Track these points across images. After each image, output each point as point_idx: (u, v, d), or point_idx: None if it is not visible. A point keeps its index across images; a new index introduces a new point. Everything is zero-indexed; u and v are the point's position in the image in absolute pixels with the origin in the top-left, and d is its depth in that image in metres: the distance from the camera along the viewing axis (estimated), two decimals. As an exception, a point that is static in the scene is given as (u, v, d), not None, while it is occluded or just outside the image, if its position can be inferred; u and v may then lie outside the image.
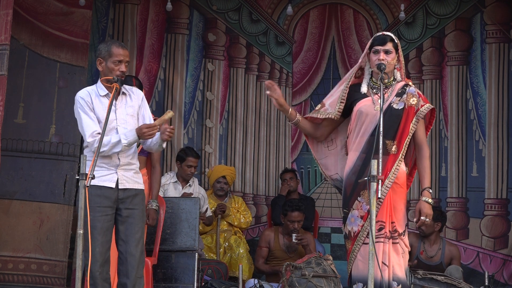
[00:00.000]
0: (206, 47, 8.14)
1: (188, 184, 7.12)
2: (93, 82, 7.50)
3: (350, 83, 4.79)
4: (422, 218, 4.62)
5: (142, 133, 4.63)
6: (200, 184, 7.49)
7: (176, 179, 7.10)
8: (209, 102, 8.09)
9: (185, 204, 6.07)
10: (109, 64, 4.72)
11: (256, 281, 6.43)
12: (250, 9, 8.19)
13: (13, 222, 6.90)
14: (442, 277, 5.97)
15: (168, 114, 4.64)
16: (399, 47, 4.80)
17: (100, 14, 7.73)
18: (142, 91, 5.28)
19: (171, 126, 4.69)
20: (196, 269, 5.93)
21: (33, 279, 6.91)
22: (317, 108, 4.89)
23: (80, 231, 4.55)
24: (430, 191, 4.66)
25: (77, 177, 4.67)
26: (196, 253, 5.96)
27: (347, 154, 4.81)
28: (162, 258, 5.89)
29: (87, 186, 4.54)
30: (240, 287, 6.18)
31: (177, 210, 6.04)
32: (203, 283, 6.34)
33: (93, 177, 4.58)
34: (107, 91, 4.78)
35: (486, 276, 6.49)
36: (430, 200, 4.64)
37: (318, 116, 4.83)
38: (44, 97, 7.13)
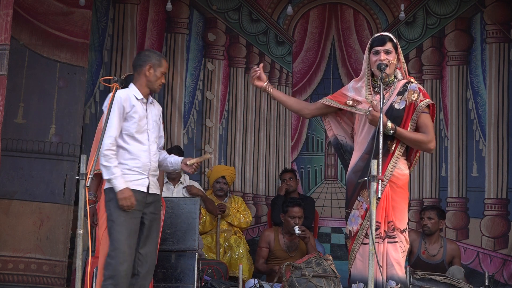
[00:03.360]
0: (206, 47, 8.14)
1: (179, 182, 7.13)
2: (93, 82, 7.54)
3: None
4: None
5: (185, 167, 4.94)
6: (200, 184, 7.49)
7: (167, 180, 7.10)
8: (209, 102, 8.09)
9: (185, 204, 6.07)
10: (157, 73, 4.92)
11: (256, 281, 6.42)
12: (250, 8, 8.19)
13: (13, 222, 6.90)
14: (441, 277, 5.97)
15: (207, 155, 5.17)
16: (398, 46, 4.80)
17: (100, 14, 7.73)
18: None
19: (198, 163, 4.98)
20: (196, 269, 5.92)
21: (33, 279, 6.91)
22: (348, 102, 4.79)
23: (80, 231, 4.55)
24: (392, 130, 4.58)
25: (77, 177, 4.70)
26: (196, 253, 5.96)
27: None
28: (162, 258, 5.88)
29: (87, 186, 4.56)
30: (240, 287, 6.18)
31: (177, 210, 6.03)
32: (203, 283, 6.33)
33: (93, 177, 4.59)
34: (142, 96, 4.91)
35: (486, 276, 6.49)
36: (389, 125, 4.56)
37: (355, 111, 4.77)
38: (44, 97, 7.13)
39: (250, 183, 8.10)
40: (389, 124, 4.56)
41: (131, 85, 4.95)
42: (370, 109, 4.57)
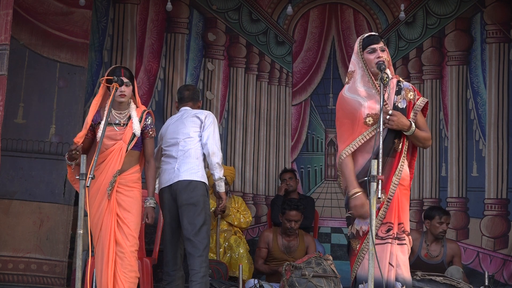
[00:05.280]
0: (206, 47, 8.14)
1: None
2: (93, 82, 7.53)
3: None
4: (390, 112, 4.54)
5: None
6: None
7: None
8: (209, 102, 8.09)
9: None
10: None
11: (256, 281, 6.42)
12: (250, 8, 8.19)
13: (13, 222, 6.90)
14: (441, 278, 5.97)
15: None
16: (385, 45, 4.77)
17: (100, 14, 7.73)
18: (134, 81, 5.30)
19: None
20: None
21: (33, 279, 6.91)
22: (368, 122, 4.57)
23: (80, 231, 4.56)
24: (413, 127, 4.56)
25: (77, 177, 4.69)
26: (196, 253, 5.95)
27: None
28: (162, 258, 5.88)
29: (87, 186, 4.56)
30: (240, 287, 6.18)
31: (177, 210, 6.02)
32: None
33: (93, 177, 4.60)
34: None
35: (486, 276, 6.49)
36: (413, 125, 4.56)
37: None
38: (44, 97, 7.13)
39: (250, 183, 8.10)
40: (413, 125, 4.58)
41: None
42: (390, 112, 4.54)
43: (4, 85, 5.86)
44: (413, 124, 4.59)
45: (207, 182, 5.62)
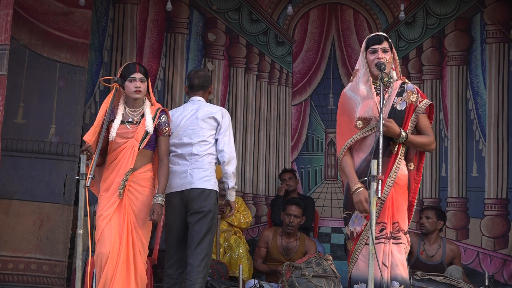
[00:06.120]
0: (206, 47, 8.14)
1: None
2: (93, 82, 7.54)
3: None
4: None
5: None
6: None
7: None
8: (209, 102, 8.07)
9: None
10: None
11: (256, 281, 6.42)
12: (250, 8, 8.19)
13: (13, 222, 6.90)
14: (441, 278, 5.97)
15: None
16: (393, 46, 4.77)
17: (100, 14, 7.73)
18: (148, 79, 5.18)
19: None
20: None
21: (33, 279, 6.91)
22: (358, 125, 4.64)
23: (80, 231, 4.56)
24: (405, 138, 4.58)
25: (77, 177, 4.70)
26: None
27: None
28: (162, 258, 5.89)
29: (87, 186, 4.56)
30: (240, 287, 6.18)
31: (177, 210, 6.02)
32: (203, 283, 6.33)
33: (93, 177, 4.60)
34: None
35: (486, 276, 6.49)
36: (403, 133, 4.57)
37: (370, 133, 4.66)
38: (44, 97, 7.13)
39: (250, 183, 8.10)
40: (403, 133, 4.58)
41: (204, 100, 5.62)
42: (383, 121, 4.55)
43: (4, 85, 5.86)
44: (403, 133, 4.59)
45: (218, 190, 5.45)
